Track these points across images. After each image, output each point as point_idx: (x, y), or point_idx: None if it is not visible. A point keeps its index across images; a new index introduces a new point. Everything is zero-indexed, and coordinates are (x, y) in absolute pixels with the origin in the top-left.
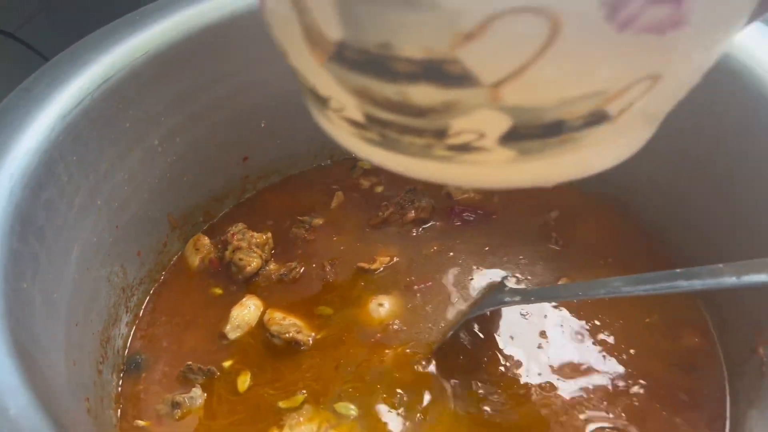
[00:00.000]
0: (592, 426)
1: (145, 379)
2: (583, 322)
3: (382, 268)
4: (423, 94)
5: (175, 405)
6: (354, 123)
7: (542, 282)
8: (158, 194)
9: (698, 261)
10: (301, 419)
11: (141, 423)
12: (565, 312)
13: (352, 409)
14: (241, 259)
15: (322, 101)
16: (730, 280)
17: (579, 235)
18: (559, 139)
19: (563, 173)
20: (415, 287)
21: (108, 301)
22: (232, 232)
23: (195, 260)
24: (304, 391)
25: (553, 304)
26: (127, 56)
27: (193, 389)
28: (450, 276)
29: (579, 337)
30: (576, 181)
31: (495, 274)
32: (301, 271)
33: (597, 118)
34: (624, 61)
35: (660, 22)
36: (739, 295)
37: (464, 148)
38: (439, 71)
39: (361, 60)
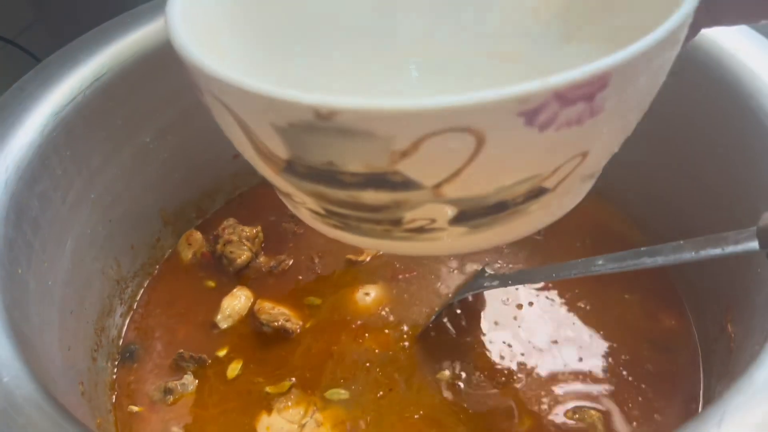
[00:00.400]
0: (571, 404)
1: (139, 368)
2: (565, 307)
3: (368, 259)
4: (372, 197)
5: (168, 391)
6: (316, 213)
7: (524, 269)
8: (151, 190)
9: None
10: (289, 403)
11: (135, 408)
12: (545, 297)
13: (340, 394)
14: (231, 252)
15: (284, 194)
16: (689, 255)
17: (560, 223)
18: (505, 213)
19: (515, 234)
20: (401, 276)
21: (102, 292)
22: (223, 226)
23: (188, 254)
24: (293, 378)
25: (535, 289)
26: (117, 56)
27: (185, 376)
28: (434, 266)
29: (559, 320)
30: None
31: (478, 263)
32: (290, 263)
33: (537, 192)
34: (551, 152)
35: (577, 117)
36: (712, 276)
37: (420, 230)
38: (382, 180)
39: (310, 173)
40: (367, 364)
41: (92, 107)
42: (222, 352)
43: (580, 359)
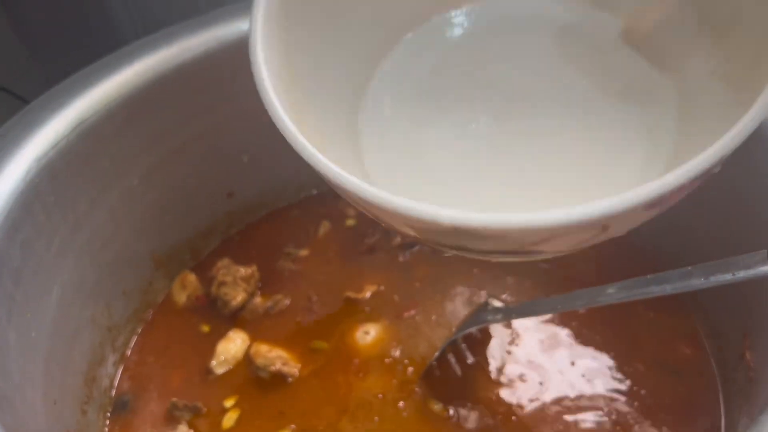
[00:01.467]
0: None
1: (133, 419)
2: (573, 338)
3: (368, 296)
4: (498, 256)
5: None
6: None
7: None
8: (141, 233)
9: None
10: None
11: None
12: (553, 328)
13: None
14: (226, 294)
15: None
16: (698, 282)
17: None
18: None
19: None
20: (404, 313)
21: (93, 340)
22: (217, 267)
23: (182, 298)
24: (293, 426)
25: (542, 320)
26: (102, 99)
27: (180, 426)
28: (437, 300)
29: (568, 351)
30: None
31: (482, 296)
32: (288, 303)
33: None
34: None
35: (678, 197)
36: (726, 300)
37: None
38: (511, 252)
39: (440, 245)
40: (369, 407)
41: (77, 151)
42: (220, 402)
43: (593, 390)
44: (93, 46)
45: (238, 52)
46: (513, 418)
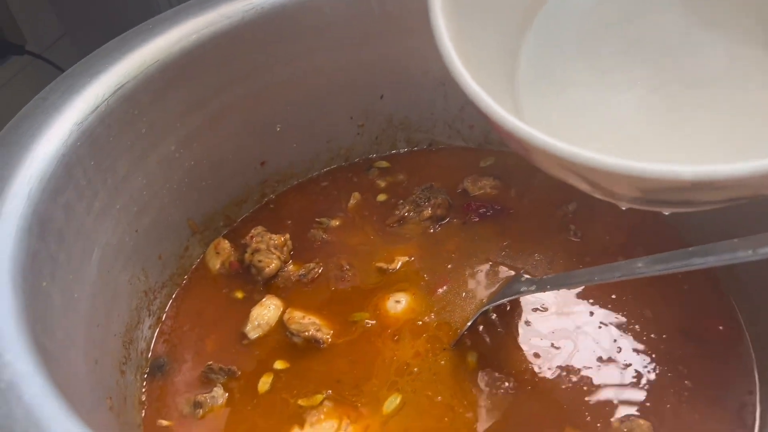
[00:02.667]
0: (618, 414)
1: (168, 381)
2: (605, 312)
3: (399, 266)
4: (714, 204)
5: (197, 405)
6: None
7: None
8: (178, 199)
9: None
10: (322, 416)
11: (164, 423)
12: (584, 302)
13: (371, 404)
14: (260, 261)
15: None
16: (745, 254)
17: (599, 225)
18: None
19: None
20: (433, 284)
21: (130, 303)
22: (251, 234)
23: (216, 264)
24: (328, 391)
25: (574, 294)
26: (139, 64)
27: (215, 389)
28: (468, 271)
29: (600, 325)
30: None
31: (513, 269)
32: (320, 271)
33: None
34: None
35: None
36: (763, 275)
37: None
38: (737, 198)
39: (655, 203)
40: (400, 373)
41: (115, 116)
42: (254, 366)
43: (623, 359)
44: (128, 19)
45: (275, 21)
46: (540, 385)
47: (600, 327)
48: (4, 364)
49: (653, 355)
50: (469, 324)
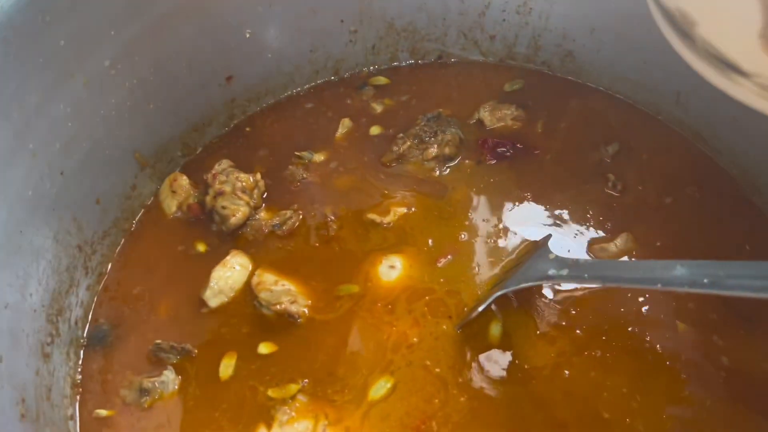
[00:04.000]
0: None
1: (110, 356)
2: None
3: (395, 220)
4: None
5: (144, 391)
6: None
7: (596, 240)
8: (117, 128)
9: None
10: (294, 414)
11: (103, 413)
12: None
13: (354, 398)
14: (224, 207)
15: (739, 72)
16: None
17: (643, 175)
18: None
19: None
20: (437, 245)
21: (57, 265)
22: (214, 171)
23: (172, 205)
24: (302, 380)
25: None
26: None
27: (165, 372)
28: (479, 230)
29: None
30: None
31: (536, 230)
32: (298, 221)
33: None
34: None
35: None
36: None
37: None
38: None
39: None
40: (396, 352)
41: (17, 27)
42: (214, 344)
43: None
44: None
45: None
46: (551, 365)
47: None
48: None
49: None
50: (479, 309)
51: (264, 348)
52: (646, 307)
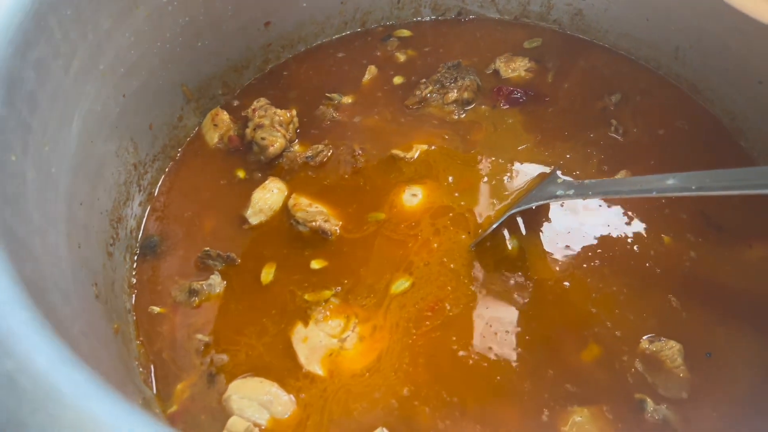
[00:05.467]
0: (647, 335)
1: (161, 263)
2: (638, 221)
3: (416, 155)
4: None
5: (193, 292)
6: None
7: (598, 176)
8: (170, 61)
9: None
10: (328, 313)
11: (156, 309)
12: (618, 208)
13: (381, 301)
14: (263, 139)
15: None
16: None
17: (643, 121)
18: None
19: None
20: (454, 176)
21: (118, 178)
22: (253, 107)
23: (213, 137)
24: (335, 287)
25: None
26: None
27: (212, 276)
28: (494, 165)
29: (631, 236)
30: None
31: (544, 167)
32: (329, 154)
33: None
34: None
35: None
36: None
37: None
38: None
39: None
40: (414, 272)
41: None
42: (255, 254)
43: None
44: None
45: None
46: (558, 285)
47: (632, 235)
48: None
49: (687, 276)
50: (493, 227)
51: (315, 264)
52: (636, 226)
